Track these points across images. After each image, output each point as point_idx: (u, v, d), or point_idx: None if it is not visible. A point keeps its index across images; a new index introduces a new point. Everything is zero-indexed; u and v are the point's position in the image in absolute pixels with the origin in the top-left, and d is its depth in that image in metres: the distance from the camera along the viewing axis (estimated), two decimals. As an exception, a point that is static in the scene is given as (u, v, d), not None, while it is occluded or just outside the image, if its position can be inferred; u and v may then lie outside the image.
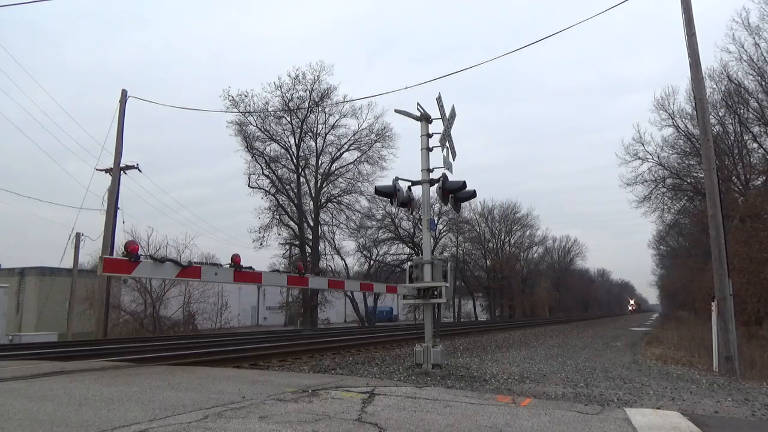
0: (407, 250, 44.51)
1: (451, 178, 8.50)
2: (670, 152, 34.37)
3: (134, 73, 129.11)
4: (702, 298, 30.99)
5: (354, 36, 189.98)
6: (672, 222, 42.91)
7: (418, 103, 8.55)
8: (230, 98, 34.27)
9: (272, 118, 36.37)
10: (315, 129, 37.66)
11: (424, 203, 8.61)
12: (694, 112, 17.98)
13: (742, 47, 27.21)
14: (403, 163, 51.21)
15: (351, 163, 38.88)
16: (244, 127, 35.79)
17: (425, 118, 8.51)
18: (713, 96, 28.44)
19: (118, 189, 23.87)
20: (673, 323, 39.11)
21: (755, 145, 30.28)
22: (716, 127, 29.60)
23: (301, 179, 37.31)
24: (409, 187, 8.84)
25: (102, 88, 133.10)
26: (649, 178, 34.93)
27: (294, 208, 37.14)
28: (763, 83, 27.10)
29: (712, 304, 10.45)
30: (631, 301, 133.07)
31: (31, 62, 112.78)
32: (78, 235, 28.09)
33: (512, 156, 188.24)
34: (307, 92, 35.89)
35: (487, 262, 66.26)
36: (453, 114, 8.92)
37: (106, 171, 24.16)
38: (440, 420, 3.89)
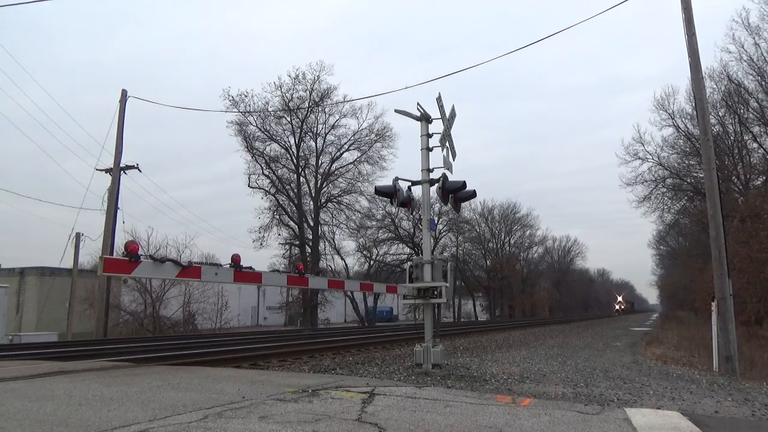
0: (407, 250, 44.51)
1: (451, 178, 8.50)
2: (670, 152, 34.42)
3: (131, 72, 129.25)
4: (702, 298, 30.99)
5: (352, 34, 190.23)
6: (672, 222, 42.91)
7: (418, 103, 8.56)
8: (230, 98, 34.31)
9: (272, 118, 36.40)
10: (315, 129, 37.72)
11: (424, 203, 8.61)
12: (694, 112, 17.98)
13: (742, 47, 27.24)
14: (403, 163, 51.27)
15: (351, 163, 38.93)
16: (244, 127, 35.84)
17: (425, 118, 8.51)
18: (713, 96, 28.47)
19: (118, 189, 23.87)
20: (673, 323, 39.11)
21: (755, 145, 30.29)
22: (716, 127, 29.61)
23: (301, 179, 37.32)
24: (409, 187, 8.85)
25: (99, 87, 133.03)
26: (649, 178, 34.97)
27: (294, 208, 37.14)
28: (763, 83, 27.10)
29: (712, 304, 10.45)
30: (619, 298, 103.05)
31: (27, 60, 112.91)
32: (78, 235, 28.15)
33: (512, 155, 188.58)
34: (307, 92, 35.93)
35: (487, 262, 66.26)
36: (453, 114, 8.92)
37: (106, 171, 24.15)
38: (440, 420, 3.89)
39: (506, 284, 68.45)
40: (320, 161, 38.01)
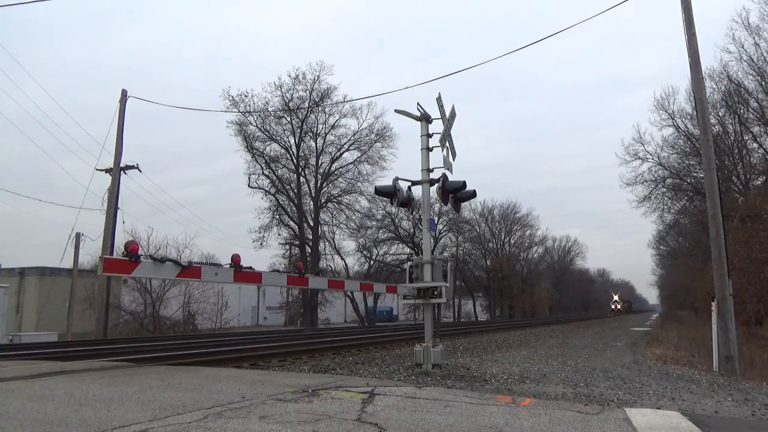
0: (407, 250, 44.49)
1: (451, 177, 8.50)
2: (670, 152, 34.47)
3: (130, 71, 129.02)
4: (702, 298, 31.04)
5: (351, 34, 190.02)
6: (672, 222, 42.99)
7: (418, 103, 8.56)
8: (230, 98, 34.33)
9: (272, 118, 36.42)
10: (315, 129, 37.74)
11: (424, 203, 8.61)
12: (694, 112, 17.98)
13: (742, 47, 27.28)
14: (403, 162, 51.29)
15: (351, 163, 38.97)
16: (244, 127, 35.87)
17: (425, 118, 8.51)
18: (713, 96, 28.51)
19: (118, 189, 23.84)
20: (673, 323, 39.09)
21: (755, 145, 30.35)
22: (716, 127, 29.64)
23: (301, 179, 37.34)
24: (409, 187, 8.84)
25: (98, 87, 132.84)
26: (649, 178, 35.03)
27: (294, 208, 37.15)
28: (763, 83, 27.12)
29: (712, 304, 10.45)
30: (615, 297, 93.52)
31: (27, 60, 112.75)
32: (78, 235, 28.08)
33: (512, 155, 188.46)
34: (307, 92, 35.96)
35: (487, 262, 66.28)
36: (453, 114, 8.92)
37: (106, 171, 24.14)
38: (440, 420, 3.89)
39: (506, 284, 68.47)
40: (320, 161, 38.06)
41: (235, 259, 7.59)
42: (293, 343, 15.00)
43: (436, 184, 8.42)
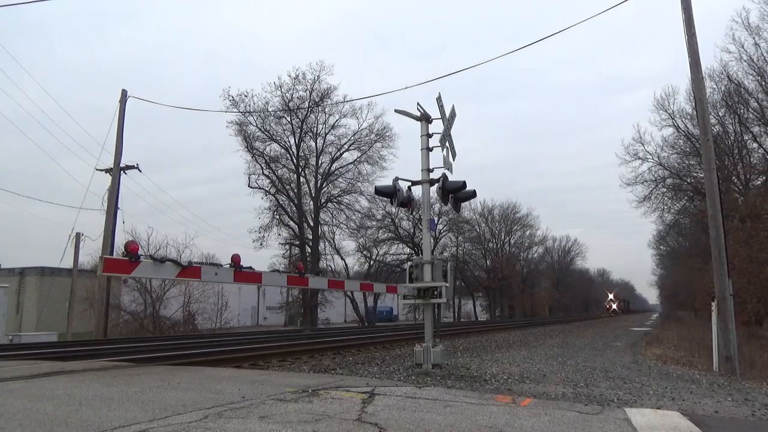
0: (407, 250, 44.50)
1: (451, 177, 8.51)
2: (670, 152, 34.48)
3: (130, 71, 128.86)
4: (702, 298, 31.07)
5: (352, 33, 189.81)
6: (672, 222, 43.00)
7: (418, 103, 8.57)
8: (230, 98, 34.38)
9: (272, 118, 36.44)
10: (315, 129, 37.78)
11: (424, 203, 8.61)
12: (694, 112, 17.98)
13: (742, 47, 27.29)
14: (402, 162, 51.30)
15: (351, 163, 38.99)
16: (244, 127, 35.91)
17: (425, 118, 8.51)
18: (713, 96, 28.52)
19: (118, 189, 23.85)
20: (673, 323, 39.11)
21: (755, 145, 30.35)
22: (716, 127, 29.64)
23: (301, 179, 37.36)
24: (409, 187, 8.85)
25: (98, 86, 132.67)
26: (649, 178, 35.02)
27: (294, 208, 37.17)
28: (763, 83, 27.12)
29: (712, 304, 10.45)
30: (610, 296, 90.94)
31: (26, 60, 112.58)
32: (78, 235, 28.07)
33: (512, 155, 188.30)
34: (307, 92, 35.99)
35: (487, 262, 66.28)
36: (453, 114, 8.93)
37: (106, 171, 24.14)
38: (440, 420, 3.89)
39: (506, 284, 68.45)
40: (320, 161, 38.08)
41: (235, 259, 7.58)
42: (293, 343, 15.00)
43: (436, 184, 8.42)
